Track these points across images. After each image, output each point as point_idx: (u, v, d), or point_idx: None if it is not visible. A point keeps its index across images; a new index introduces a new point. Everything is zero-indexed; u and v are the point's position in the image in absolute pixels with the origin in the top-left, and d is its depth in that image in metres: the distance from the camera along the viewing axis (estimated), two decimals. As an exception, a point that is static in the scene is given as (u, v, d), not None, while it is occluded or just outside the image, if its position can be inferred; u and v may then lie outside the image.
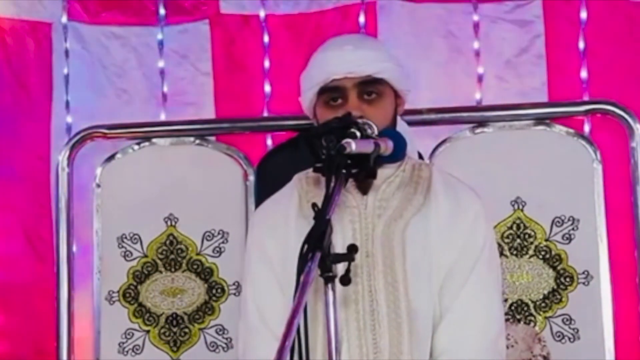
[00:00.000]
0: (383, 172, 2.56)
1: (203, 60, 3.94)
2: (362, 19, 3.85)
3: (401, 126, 2.70)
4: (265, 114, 3.86)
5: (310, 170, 2.59)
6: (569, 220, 3.37)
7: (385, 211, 2.56)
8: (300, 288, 2.06)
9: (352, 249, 2.20)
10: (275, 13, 3.93)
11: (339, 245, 2.39)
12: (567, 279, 3.36)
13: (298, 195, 2.64)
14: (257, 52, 3.90)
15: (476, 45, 3.81)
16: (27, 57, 3.95)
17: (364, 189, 2.58)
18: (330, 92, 2.58)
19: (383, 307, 2.51)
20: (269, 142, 3.79)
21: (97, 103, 3.91)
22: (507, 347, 3.06)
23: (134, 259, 3.57)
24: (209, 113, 3.90)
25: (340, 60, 2.56)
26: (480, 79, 3.79)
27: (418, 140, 3.24)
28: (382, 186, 2.58)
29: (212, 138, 3.63)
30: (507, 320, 3.27)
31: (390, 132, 2.55)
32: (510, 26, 3.83)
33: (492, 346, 2.56)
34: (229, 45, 3.93)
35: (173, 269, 3.57)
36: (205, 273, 3.55)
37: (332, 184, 2.26)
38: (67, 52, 3.93)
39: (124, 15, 3.96)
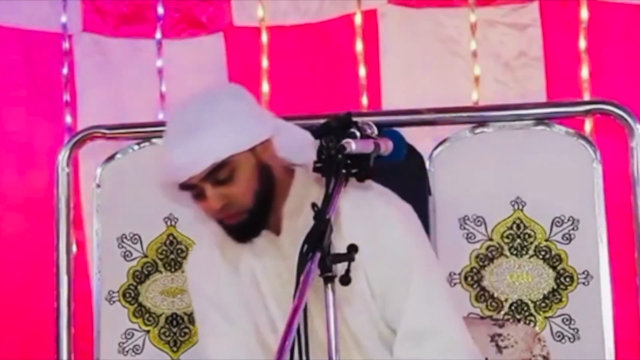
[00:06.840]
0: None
1: (218, 72, 3.97)
2: (358, 20, 3.88)
3: (297, 134, 2.65)
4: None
5: (213, 221, 2.60)
6: (569, 220, 3.36)
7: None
8: (300, 288, 2.06)
9: (352, 248, 2.19)
10: (284, 24, 3.97)
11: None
12: (567, 279, 3.36)
13: (218, 245, 2.67)
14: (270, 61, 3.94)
15: (474, 48, 3.82)
16: (50, 68, 4.00)
17: (276, 230, 2.59)
18: (189, 189, 2.56)
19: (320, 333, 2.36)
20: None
21: (118, 112, 3.93)
22: (507, 347, 3.07)
23: (134, 259, 3.57)
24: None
25: (178, 164, 2.49)
26: (477, 81, 3.80)
27: (418, 140, 3.25)
28: (295, 224, 2.56)
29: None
30: (507, 320, 3.28)
31: (389, 132, 2.55)
32: (508, 29, 3.84)
33: (456, 347, 2.54)
34: (243, 56, 3.98)
35: (173, 269, 3.57)
36: (205, 273, 3.55)
37: (332, 184, 2.26)
38: (87, 64, 4.01)
39: (141, 27, 4.02)
